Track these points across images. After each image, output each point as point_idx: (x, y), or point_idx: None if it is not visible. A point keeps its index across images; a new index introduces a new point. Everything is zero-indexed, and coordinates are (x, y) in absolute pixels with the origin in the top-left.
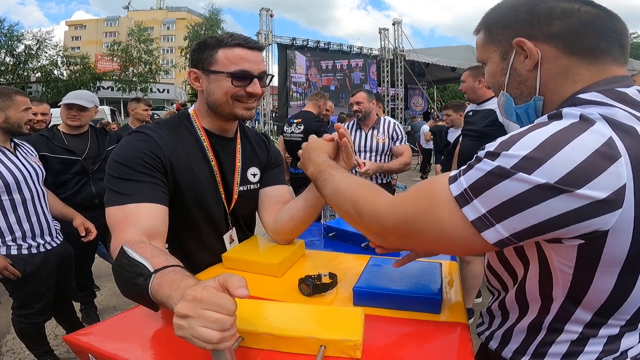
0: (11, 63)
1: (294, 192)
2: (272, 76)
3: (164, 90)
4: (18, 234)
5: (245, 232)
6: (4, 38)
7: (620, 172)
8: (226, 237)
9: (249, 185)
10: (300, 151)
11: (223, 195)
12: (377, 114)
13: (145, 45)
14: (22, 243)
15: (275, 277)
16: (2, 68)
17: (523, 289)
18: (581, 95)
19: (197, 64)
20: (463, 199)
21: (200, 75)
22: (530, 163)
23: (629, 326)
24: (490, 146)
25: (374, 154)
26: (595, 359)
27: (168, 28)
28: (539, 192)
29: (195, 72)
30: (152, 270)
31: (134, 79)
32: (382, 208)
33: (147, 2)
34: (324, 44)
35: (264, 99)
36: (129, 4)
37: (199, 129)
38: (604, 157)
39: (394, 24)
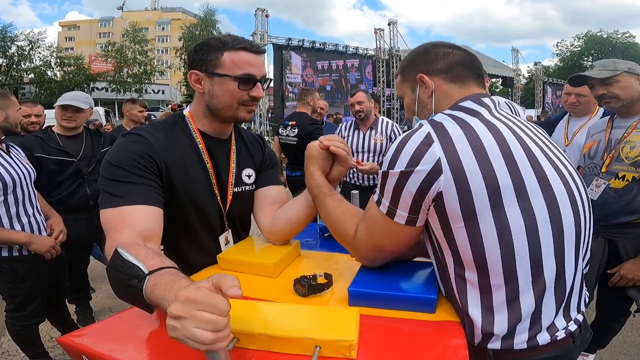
0: (4, 64)
1: (291, 194)
2: (271, 80)
3: (159, 91)
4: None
5: (241, 233)
6: None
7: (434, 151)
8: (222, 238)
9: (243, 187)
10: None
11: (218, 197)
12: (375, 114)
13: (140, 46)
14: (15, 245)
15: (271, 278)
16: None
17: (430, 256)
18: (443, 111)
19: (199, 66)
20: (379, 201)
21: (202, 77)
22: (393, 160)
23: (510, 286)
24: (384, 154)
25: (371, 154)
26: (507, 327)
27: (163, 29)
28: (402, 177)
29: (197, 74)
30: (146, 272)
31: (128, 80)
32: (356, 240)
33: (142, 3)
34: (320, 44)
35: None
36: (123, 4)
37: (194, 131)
38: (425, 144)
39: (389, 24)
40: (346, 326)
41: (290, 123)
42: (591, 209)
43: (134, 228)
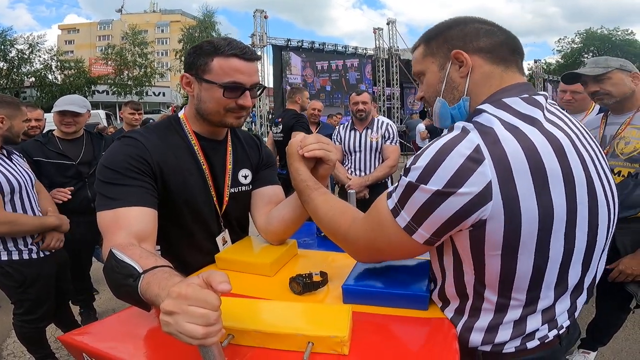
0: (5, 68)
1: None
2: (264, 87)
3: (159, 93)
4: (19, 238)
5: (239, 233)
6: None
7: (485, 172)
8: (219, 239)
9: (240, 187)
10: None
11: (215, 198)
12: (372, 115)
13: (139, 49)
14: (23, 248)
15: (268, 277)
16: None
17: (444, 280)
18: (480, 106)
19: (190, 69)
20: (395, 211)
21: (192, 80)
22: (426, 173)
23: (529, 307)
24: (408, 162)
25: (367, 152)
26: (507, 340)
27: (162, 31)
28: (436, 198)
29: (188, 77)
30: (141, 271)
31: (129, 83)
32: (350, 235)
33: (140, 5)
34: (319, 45)
35: (259, 100)
36: (122, 7)
37: (189, 133)
38: (473, 161)
39: (388, 24)
40: (338, 323)
41: (278, 120)
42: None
43: (128, 229)
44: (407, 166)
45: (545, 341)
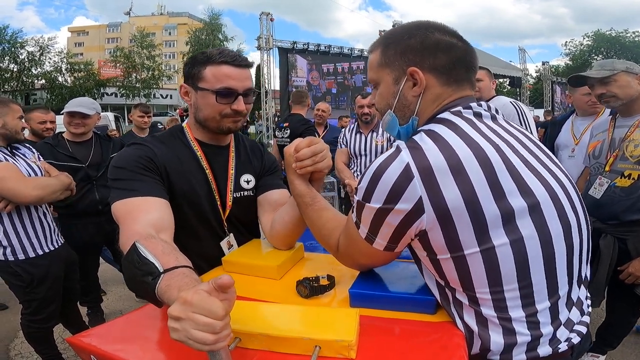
0: (15, 70)
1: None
2: (257, 92)
3: (167, 95)
4: (22, 233)
5: (247, 237)
6: (7, 45)
7: (415, 189)
8: (224, 243)
9: (242, 192)
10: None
11: (218, 203)
12: (376, 118)
13: (147, 51)
14: (28, 246)
15: (274, 280)
16: (7, 75)
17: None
18: (421, 127)
19: (187, 79)
20: (357, 224)
21: (189, 90)
22: (368, 193)
23: (500, 312)
24: (358, 182)
25: (373, 156)
26: (503, 345)
27: (169, 33)
28: (380, 213)
29: (186, 87)
30: (161, 270)
31: (137, 85)
32: (339, 253)
33: (148, 8)
34: (325, 47)
35: (265, 102)
36: (130, 9)
37: (191, 140)
38: (404, 178)
39: (394, 26)
40: (345, 327)
41: (284, 125)
42: (587, 217)
43: (147, 217)
44: (357, 185)
45: (559, 350)
